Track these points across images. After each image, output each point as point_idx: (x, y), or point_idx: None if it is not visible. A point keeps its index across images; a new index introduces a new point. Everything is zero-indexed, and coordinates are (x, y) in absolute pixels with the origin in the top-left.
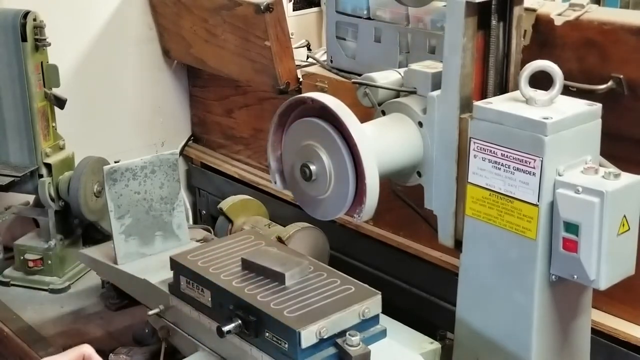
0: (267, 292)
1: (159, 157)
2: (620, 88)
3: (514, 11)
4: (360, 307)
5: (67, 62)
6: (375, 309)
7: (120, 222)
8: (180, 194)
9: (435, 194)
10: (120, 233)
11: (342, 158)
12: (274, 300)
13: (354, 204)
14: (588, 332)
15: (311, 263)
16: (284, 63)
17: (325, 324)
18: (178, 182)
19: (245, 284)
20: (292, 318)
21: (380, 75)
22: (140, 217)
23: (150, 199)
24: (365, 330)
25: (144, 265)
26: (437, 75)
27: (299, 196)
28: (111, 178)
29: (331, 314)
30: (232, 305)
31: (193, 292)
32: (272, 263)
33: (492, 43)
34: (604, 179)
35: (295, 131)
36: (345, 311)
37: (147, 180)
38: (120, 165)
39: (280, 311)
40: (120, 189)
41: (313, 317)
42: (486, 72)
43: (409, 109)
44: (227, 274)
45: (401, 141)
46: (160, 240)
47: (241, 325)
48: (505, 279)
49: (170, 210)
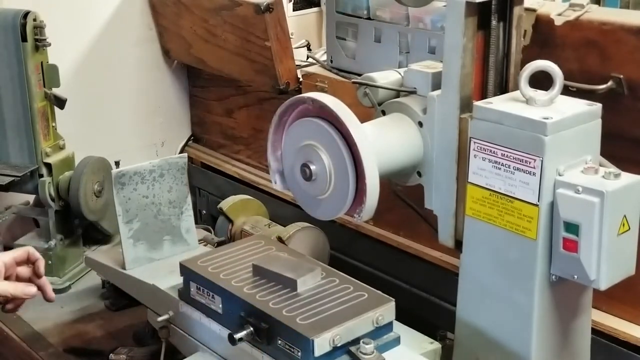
0: (279, 298)
1: (168, 160)
2: (620, 88)
3: (514, 11)
4: (374, 314)
5: (67, 62)
6: (389, 316)
7: (129, 226)
8: (188, 198)
9: (435, 194)
10: (128, 237)
11: (342, 158)
12: (286, 307)
13: (354, 204)
14: (588, 332)
15: (323, 269)
16: (284, 63)
17: (338, 332)
18: (186, 185)
19: (257, 291)
20: (305, 325)
21: (380, 75)
22: (149, 222)
23: (158, 203)
24: (379, 338)
25: (153, 270)
26: (437, 75)
27: (299, 196)
28: (119, 182)
29: (345, 322)
30: (244, 312)
31: (203, 298)
32: (283, 269)
33: (492, 43)
34: (604, 179)
35: (295, 131)
36: (358, 318)
37: (155, 184)
38: (129, 169)
39: (292, 318)
40: (129, 193)
41: (326, 324)
42: (486, 72)
43: (409, 109)
44: (238, 280)
45: (401, 141)
46: (169, 245)
47: (253, 332)
48: (505, 279)
49: (179, 215)
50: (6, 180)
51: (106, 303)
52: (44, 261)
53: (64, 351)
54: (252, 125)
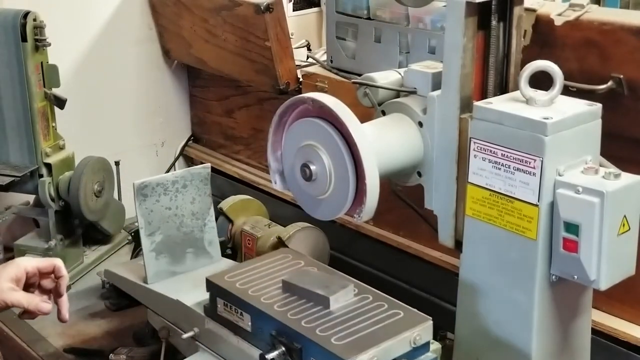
0: (311, 317)
1: (191, 171)
2: (620, 88)
3: (514, 11)
4: (411, 334)
5: (67, 62)
6: (426, 336)
7: (151, 239)
8: (211, 210)
9: (435, 194)
10: (150, 251)
11: (342, 158)
12: (320, 327)
13: (354, 204)
14: (588, 332)
15: (355, 285)
16: (284, 63)
17: (375, 353)
18: (209, 196)
19: (288, 308)
20: (341, 346)
21: (380, 75)
22: (171, 234)
23: (181, 214)
24: (416, 359)
25: (176, 284)
26: (437, 76)
27: (299, 196)
28: (142, 193)
29: (381, 342)
30: (275, 331)
31: (231, 316)
32: (315, 286)
33: (492, 43)
34: (604, 179)
35: (295, 131)
36: (395, 339)
37: (178, 196)
38: (151, 180)
39: (327, 338)
40: (151, 205)
41: (363, 345)
42: (486, 72)
43: (409, 109)
44: (268, 296)
45: (401, 141)
46: (192, 258)
47: (285, 352)
48: (505, 279)
49: (202, 227)
50: (6, 181)
51: (106, 303)
52: (67, 280)
53: (64, 351)
54: (252, 125)
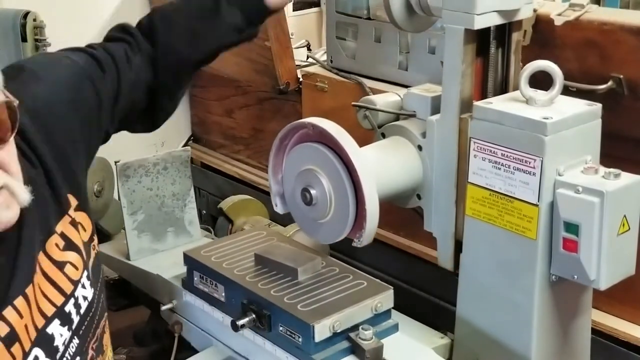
0: (280, 286)
1: (172, 153)
2: (620, 88)
3: (513, 37)
4: (372, 301)
5: None
6: (387, 304)
7: (133, 218)
8: (191, 191)
9: (435, 217)
10: (132, 229)
11: (342, 183)
12: (288, 295)
13: (354, 228)
14: (588, 332)
15: (323, 259)
16: (284, 63)
17: (338, 318)
18: (190, 178)
19: (259, 279)
20: (306, 312)
21: (380, 97)
22: (153, 213)
23: (162, 195)
24: (377, 325)
25: (157, 261)
26: (436, 99)
27: (299, 219)
28: (124, 174)
29: (344, 309)
30: (246, 300)
31: (206, 287)
32: (284, 258)
33: (490, 69)
34: (604, 179)
35: (295, 155)
36: (358, 305)
37: (159, 177)
38: (133, 161)
39: (293, 305)
40: (133, 185)
41: (326, 311)
42: (485, 97)
43: (409, 132)
44: (241, 269)
45: (401, 164)
46: (172, 236)
47: (255, 319)
48: (505, 279)
49: (182, 207)
50: None
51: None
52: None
53: None
54: (252, 125)
